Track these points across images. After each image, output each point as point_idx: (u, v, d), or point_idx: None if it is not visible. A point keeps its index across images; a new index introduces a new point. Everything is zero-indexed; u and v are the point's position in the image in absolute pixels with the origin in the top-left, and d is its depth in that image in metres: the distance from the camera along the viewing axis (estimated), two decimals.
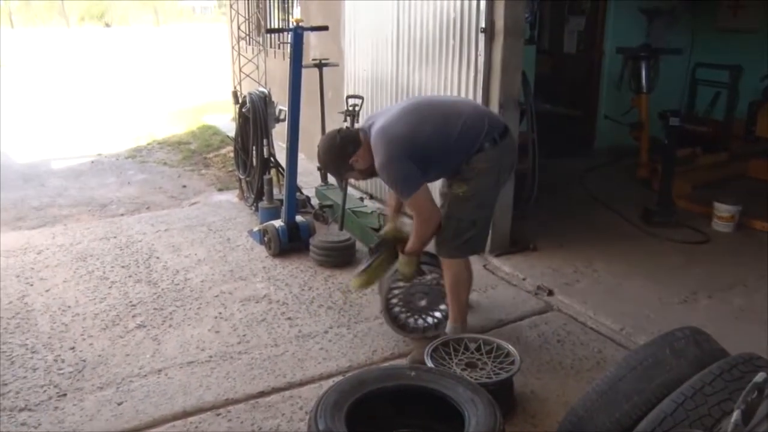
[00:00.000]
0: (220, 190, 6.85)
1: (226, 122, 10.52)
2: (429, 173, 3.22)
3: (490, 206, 3.37)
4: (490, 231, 4.34)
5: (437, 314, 3.61)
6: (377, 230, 4.85)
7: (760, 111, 6.59)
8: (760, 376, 1.48)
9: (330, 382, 3.02)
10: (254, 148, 5.52)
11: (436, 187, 3.37)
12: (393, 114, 3.24)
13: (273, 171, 5.62)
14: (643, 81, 6.48)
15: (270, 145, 5.48)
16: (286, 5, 8.57)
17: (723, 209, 5.17)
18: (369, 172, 3.29)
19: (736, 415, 1.44)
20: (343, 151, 3.24)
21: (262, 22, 9.21)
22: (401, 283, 3.56)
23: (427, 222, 3.23)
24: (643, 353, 2.32)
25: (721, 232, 5.14)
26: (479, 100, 4.47)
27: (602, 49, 7.67)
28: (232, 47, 9.52)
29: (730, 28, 7.42)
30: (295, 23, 4.70)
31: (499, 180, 3.27)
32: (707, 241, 4.99)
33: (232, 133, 7.61)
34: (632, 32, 7.44)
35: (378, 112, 3.45)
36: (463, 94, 4.65)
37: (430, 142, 3.14)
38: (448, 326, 3.43)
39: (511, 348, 3.03)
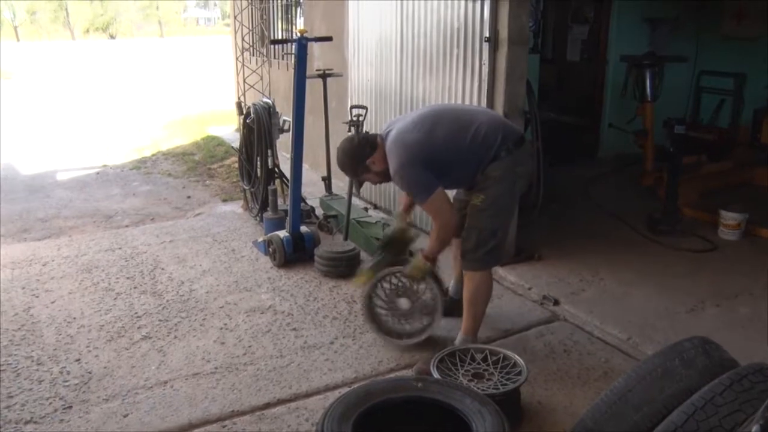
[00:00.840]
0: (224, 200, 6.85)
1: (230, 133, 10.56)
2: (443, 180, 3.26)
3: (509, 214, 3.40)
4: None
5: (416, 324, 3.63)
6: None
7: (765, 118, 6.59)
8: None
9: (336, 394, 3.02)
10: (259, 158, 5.53)
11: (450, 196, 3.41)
12: (408, 121, 3.34)
13: (277, 181, 5.63)
14: (648, 89, 6.47)
15: (274, 155, 5.49)
16: (289, 16, 8.61)
17: (729, 217, 5.15)
18: (384, 175, 3.37)
19: (755, 429, 1.42)
20: (361, 152, 3.36)
21: (266, 33, 9.25)
22: (394, 280, 3.63)
23: (445, 226, 3.29)
24: (652, 363, 2.30)
25: (728, 240, 5.12)
26: None
27: (606, 57, 7.68)
28: (236, 58, 9.55)
29: (734, 36, 7.43)
30: (299, 34, 4.71)
31: (514, 188, 3.30)
32: (713, 250, 4.96)
33: (236, 144, 7.64)
34: (636, 40, 7.45)
35: (396, 119, 3.53)
36: (467, 103, 4.65)
37: (443, 149, 3.21)
38: (459, 337, 3.42)
39: (517, 358, 3.01)
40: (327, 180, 5.97)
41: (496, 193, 3.22)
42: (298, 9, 8.17)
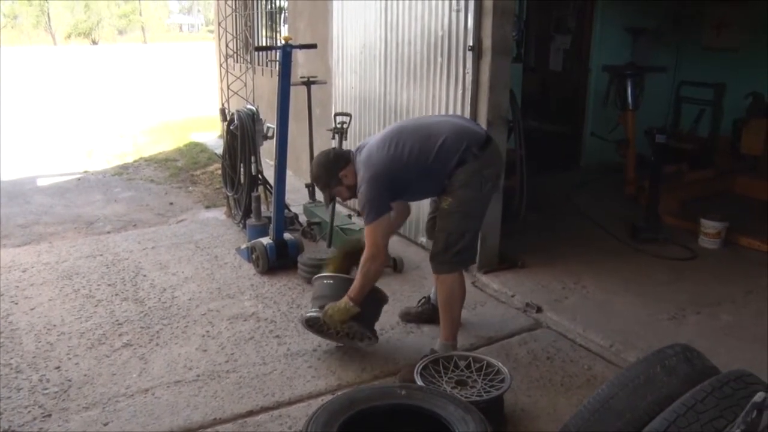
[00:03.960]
0: (207, 207, 6.82)
1: (214, 139, 10.53)
2: (411, 192, 3.46)
3: (478, 217, 3.42)
4: (479, 248, 4.38)
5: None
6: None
7: (744, 128, 6.67)
8: (759, 396, 1.47)
9: (319, 401, 3.01)
10: (242, 165, 5.51)
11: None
12: (377, 139, 3.44)
13: (261, 188, 5.61)
14: (629, 98, 6.54)
15: (258, 162, 5.47)
16: (274, 23, 8.60)
17: (710, 226, 5.20)
18: (353, 190, 3.45)
19: None
20: (335, 165, 3.46)
21: (251, 40, 9.24)
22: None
23: (373, 259, 3.31)
24: (634, 371, 2.31)
25: (708, 249, 5.17)
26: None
27: (588, 66, 7.75)
28: (220, 65, 9.53)
29: (714, 46, 7.52)
30: (283, 41, 4.71)
31: (482, 190, 3.32)
32: (694, 258, 5.01)
33: (219, 151, 7.61)
34: (618, 50, 7.53)
35: (370, 137, 3.64)
36: (450, 112, 4.67)
37: (409, 165, 3.29)
38: (439, 344, 3.42)
39: (501, 365, 3.02)
40: (311, 187, 5.95)
41: (464, 196, 3.27)
42: (283, 16, 8.16)
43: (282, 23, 8.26)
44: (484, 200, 3.40)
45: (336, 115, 5.30)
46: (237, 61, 9.42)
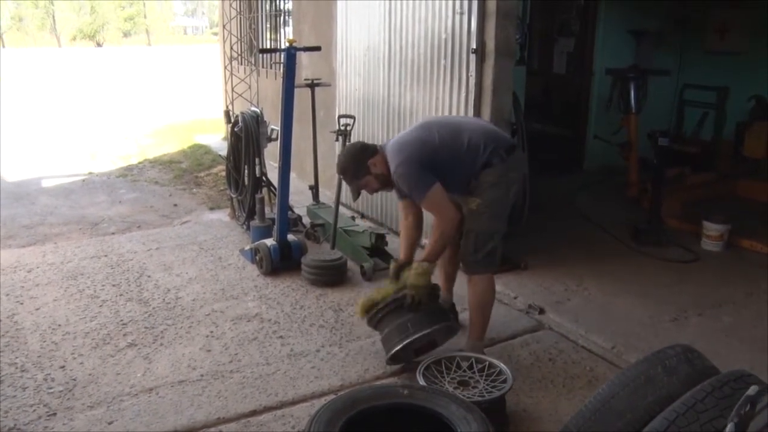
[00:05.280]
0: (211, 208, 6.84)
1: (218, 141, 10.55)
2: (440, 178, 3.32)
3: (504, 219, 3.44)
4: None
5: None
6: (368, 249, 4.87)
7: (747, 132, 6.68)
8: (752, 389, 1.49)
9: (322, 401, 3.02)
10: (246, 167, 5.54)
11: None
12: (405, 131, 3.55)
13: (265, 190, 5.64)
14: (632, 101, 6.56)
15: (262, 164, 5.50)
16: (278, 26, 8.64)
17: (712, 228, 5.21)
18: (383, 180, 3.44)
19: (729, 428, 1.45)
20: (363, 154, 3.45)
21: (255, 43, 9.27)
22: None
23: (448, 220, 3.31)
24: (635, 371, 2.32)
25: (710, 251, 5.18)
26: None
27: (592, 69, 7.76)
28: (225, 67, 9.57)
29: (717, 50, 7.53)
30: (288, 43, 4.74)
31: (508, 192, 3.36)
32: (696, 260, 5.02)
33: (223, 153, 7.65)
34: (621, 53, 7.54)
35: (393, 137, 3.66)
36: (454, 114, 4.69)
37: (440, 150, 3.30)
38: (469, 343, 3.46)
39: (503, 366, 3.04)
40: (314, 189, 5.98)
41: (492, 197, 3.31)
42: (287, 19, 8.20)
43: (286, 26, 8.28)
44: (509, 203, 3.42)
45: (340, 117, 5.33)
46: (241, 64, 9.45)
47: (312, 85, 5.76)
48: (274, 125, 5.35)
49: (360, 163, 3.44)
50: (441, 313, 3.45)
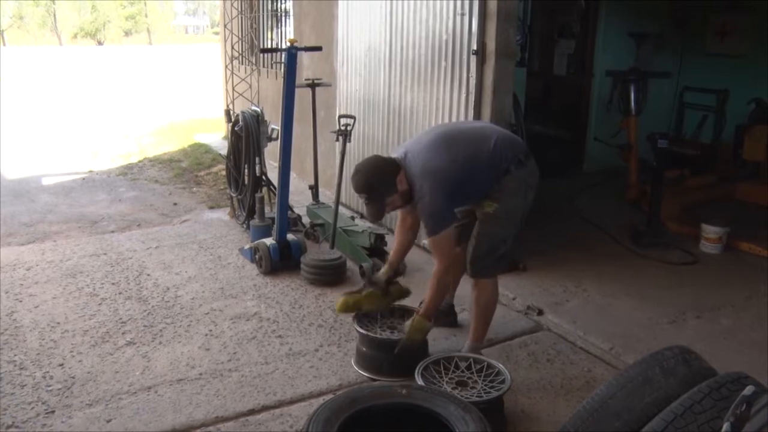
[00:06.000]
0: (211, 207, 6.84)
1: (218, 140, 10.55)
2: (463, 200, 3.32)
3: (517, 225, 3.40)
4: None
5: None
6: (368, 249, 4.88)
7: (746, 135, 6.69)
8: (748, 389, 1.50)
9: (320, 401, 3.02)
10: (246, 166, 5.54)
11: None
12: (425, 145, 3.27)
13: (265, 189, 5.64)
14: (632, 104, 6.57)
15: (262, 163, 5.50)
16: (279, 26, 8.64)
17: (711, 231, 5.22)
18: (406, 198, 3.25)
19: (725, 428, 1.46)
20: (391, 170, 3.21)
21: (256, 42, 9.27)
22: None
23: (446, 271, 3.29)
24: (633, 372, 2.33)
25: (709, 254, 5.19)
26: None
27: (592, 71, 7.77)
28: (225, 66, 9.57)
29: (717, 52, 7.54)
30: (289, 43, 4.74)
31: (526, 198, 3.35)
32: (695, 262, 5.03)
33: (223, 152, 7.65)
34: (621, 55, 7.55)
35: (407, 144, 3.45)
36: (454, 115, 4.70)
37: (464, 169, 3.18)
38: (470, 345, 3.46)
39: (501, 367, 3.04)
40: (314, 189, 5.99)
41: (510, 203, 3.27)
42: (288, 19, 8.20)
43: (287, 26, 8.29)
44: (525, 209, 3.39)
45: (340, 117, 5.33)
46: (242, 63, 9.46)
47: (313, 85, 5.77)
48: (275, 125, 5.35)
49: (389, 181, 3.19)
50: (417, 362, 3.25)
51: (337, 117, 5.57)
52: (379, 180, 3.21)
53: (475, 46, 4.43)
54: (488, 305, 3.46)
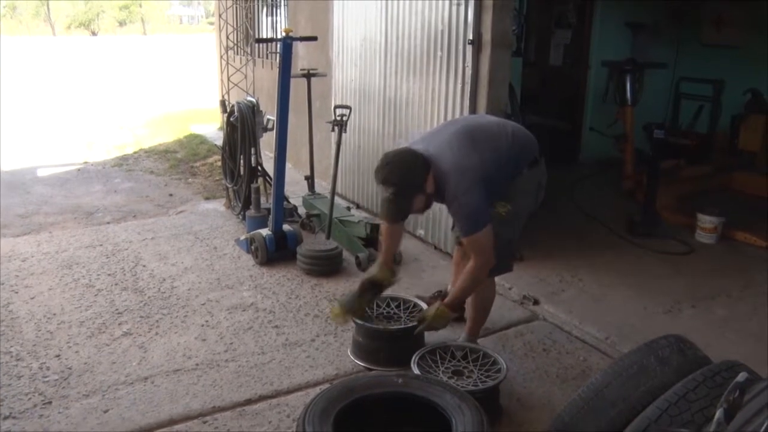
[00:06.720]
0: (207, 198, 6.83)
1: (213, 131, 10.53)
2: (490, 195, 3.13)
3: (522, 225, 3.36)
4: None
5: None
6: (363, 239, 4.88)
7: (742, 124, 6.70)
8: (741, 376, 1.51)
9: (317, 390, 3.04)
10: (242, 156, 5.53)
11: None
12: (449, 142, 3.09)
13: (260, 180, 5.63)
14: (628, 94, 6.57)
15: (258, 154, 5.49)
16: (274, 16, 8.60)
17: (706, 221, 5.24)
18: (429, 202, 3.12)
19: (718, 414, 1.47)
20: (423, 167, 2.99)
21: (251, 32, 9.24)
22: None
23: (485, 266, 3.09)
24: (628, 361, 2.35)
25: (705, 243, 5.21)
26: (466, 111, 4.51)
27: (588, 62, 7.76)
28: (221, 56, 9.54)
29: (713, 43, 7.54)
30: (284, 33, 4.72)
31: (536, 199, 3.32)
32: (691, 252, 5.04)
33: (219, 143, 7.63)
34: (617, 46, 7.55)
35: (419, 137, 3.27)
36: (450, 106, 4.69)
37: (489, 170, 3.04)
38: (465, 338, 3.46)
39: (497, 356, 3.05)
40: (310, 179, 5.98)
41: (522, 204, 3.22)
42: (284, 8, 8.17)
43: (283, 15, 8.25)
44: (534, 208, 3.36)
45: (336, 107, 5.32)
46: (237, 53, 9.43)
47: (308, 76, 5.75)
48: (270, 115, 5.34)
49: (420, 178, 2.98)
50: (413, 351, 3.18)
51: (332, 107, 5.57)
52: (413, 175, 2.97)
53: (471, 36, 4.42)
54: (487, 302, 3.47)
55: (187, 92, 16.63)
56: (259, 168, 5.59)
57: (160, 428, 2.93)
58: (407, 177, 2.96)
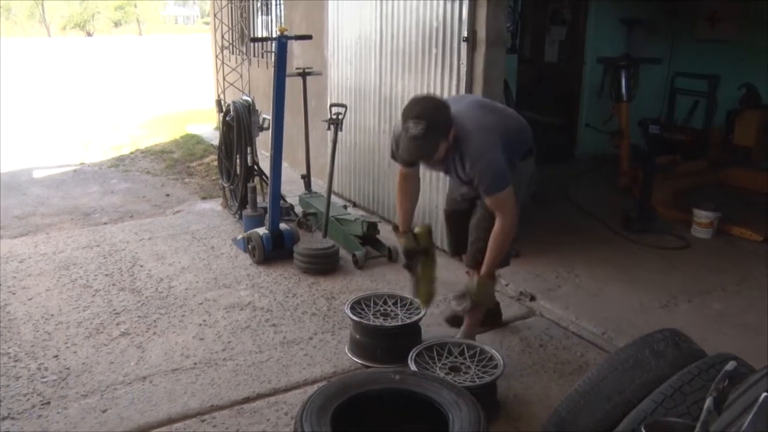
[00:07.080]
0: (203, 198, 6.84)
1: (210, 131, 10.52)
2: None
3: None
4: None
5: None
6: (360, 237, 4.89)
7: (737, 120, 6.71)
8: (730, 365, 1.52)
9: (315, 388, 3.03)
10: (238, 156, 5.54)
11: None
12: (469, 106, 3.16)
13: (257, 179, 5.64)
14: (623, 90, 6.57)
15: (254, 153, 5.50)
16: (269, 15, 8.60)
17: (702, 216, 5.25)
18: (444, 155, 3.04)
19: (708, 402, 1.48)
20: (450, 115, 2.96)
21: (246, 31, 9.23)
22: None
23: (511, 226, 3.10)
24: (623, 355, 2.36)
25: (701, 238, 5.22)
26: None
27: (583, 58, 7.77)
28: (216, 56, 9.53)
29: (708, 38, 7.55)
30: (279, 32, 4.72)
31: (530, 188, 3.36)
32: (687, 247, 5.06)
33: (215, 142, 7.63)
34: (612, 42, 7.56)
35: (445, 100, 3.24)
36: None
37: (510, 132, 3.13)
38: (464, 331, 3.46)
39: (494, 352, 3.06)
40: (306, 178, 5.99)
41: (521, 195, 3.24)
42: (278, 7, 8.17)
43: (277, 14, 8.25)
44: (525, 201, 3.38)
45: (332, 106, 5.32)
46: (233, 53, 9.42)
47: (303, 74, 5.76)
48: (266, 114, 5.34)
49: (449, 122, 2.93)
50: (410, 348, 3.14)
51: (328, 106, 5.57)
52: (444, 116, 2.93)
53: (465, 34, 4.43)
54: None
55: (183, 92, 16.61)
56: (256, 167, 5.60)
57: (159, 427, 2.94)
58: (439, 115, 2.92)
